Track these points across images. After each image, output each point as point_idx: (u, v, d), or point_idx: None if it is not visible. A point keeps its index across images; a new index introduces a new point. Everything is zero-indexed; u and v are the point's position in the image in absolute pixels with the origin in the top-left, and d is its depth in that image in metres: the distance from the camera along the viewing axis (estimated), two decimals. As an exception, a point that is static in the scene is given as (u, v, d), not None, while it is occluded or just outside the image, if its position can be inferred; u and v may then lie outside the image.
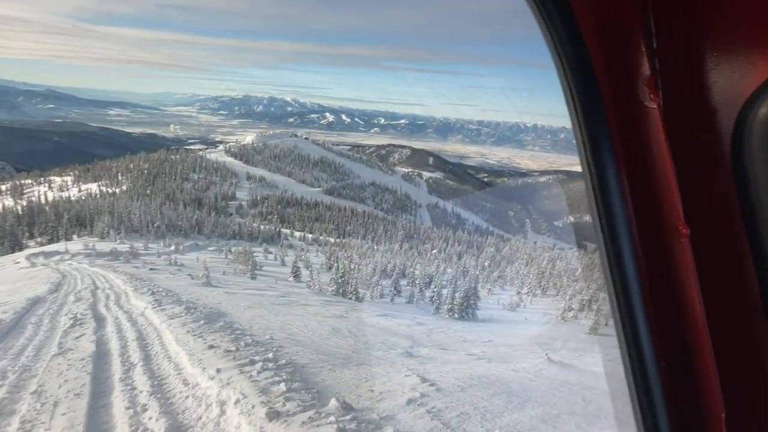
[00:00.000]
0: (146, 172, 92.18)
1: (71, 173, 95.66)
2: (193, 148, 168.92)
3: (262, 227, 71.55)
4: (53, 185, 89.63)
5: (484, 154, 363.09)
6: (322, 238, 77.19)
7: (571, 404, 3.37)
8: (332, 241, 73.89)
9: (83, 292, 11.17)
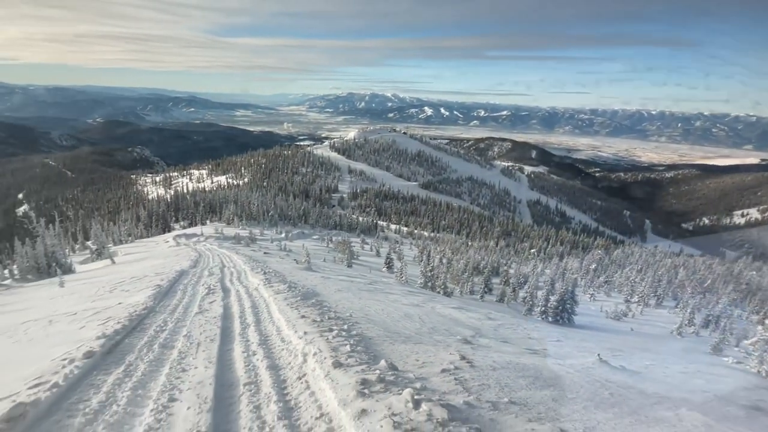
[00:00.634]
0: (263, 166, 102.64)
1: (206, 167, 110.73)
2: (302, 144, 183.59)
3: (360, 219, 75.00)
4: (192, 177, 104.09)
5: (596, 146, 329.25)
6: (416, 231, 78.53)
7: (593, 394, 3.72)
8: (426, 234, 74.78)
9: (214, 268, 13.77)
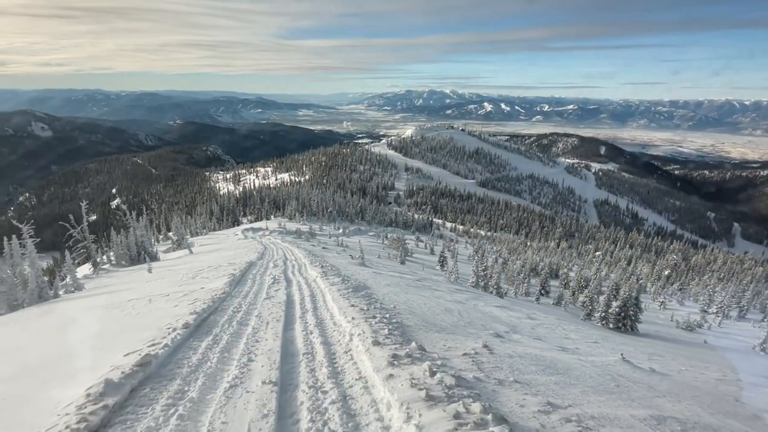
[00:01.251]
0: (323, 164, 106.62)
1: (271, 165, 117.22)
2: (360, 142, 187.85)
3: (416, 216, 75.68)
4: (258, 174, 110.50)
5: (676, 141, 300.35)
6: (472, 230, 77.74)
7: (598, 383, 4.18)
8: (483, 233, 73.79)
9: (278, 261, 15.32)
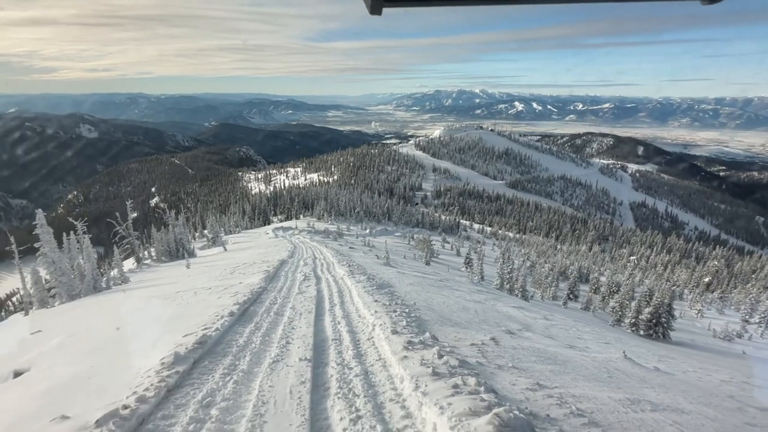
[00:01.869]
0: (351, 164, 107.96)
1: (300, 165, 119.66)
2: (389, 142, 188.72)
3: (443, 217, 75.74)
4: (288, 174, 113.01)
5: (721, 141, 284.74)
6: (500, 232, 76.99)
7: (591, 373, 4.67)
8: (511, 235, 72.97)
9: (308, 259, 16.27)
